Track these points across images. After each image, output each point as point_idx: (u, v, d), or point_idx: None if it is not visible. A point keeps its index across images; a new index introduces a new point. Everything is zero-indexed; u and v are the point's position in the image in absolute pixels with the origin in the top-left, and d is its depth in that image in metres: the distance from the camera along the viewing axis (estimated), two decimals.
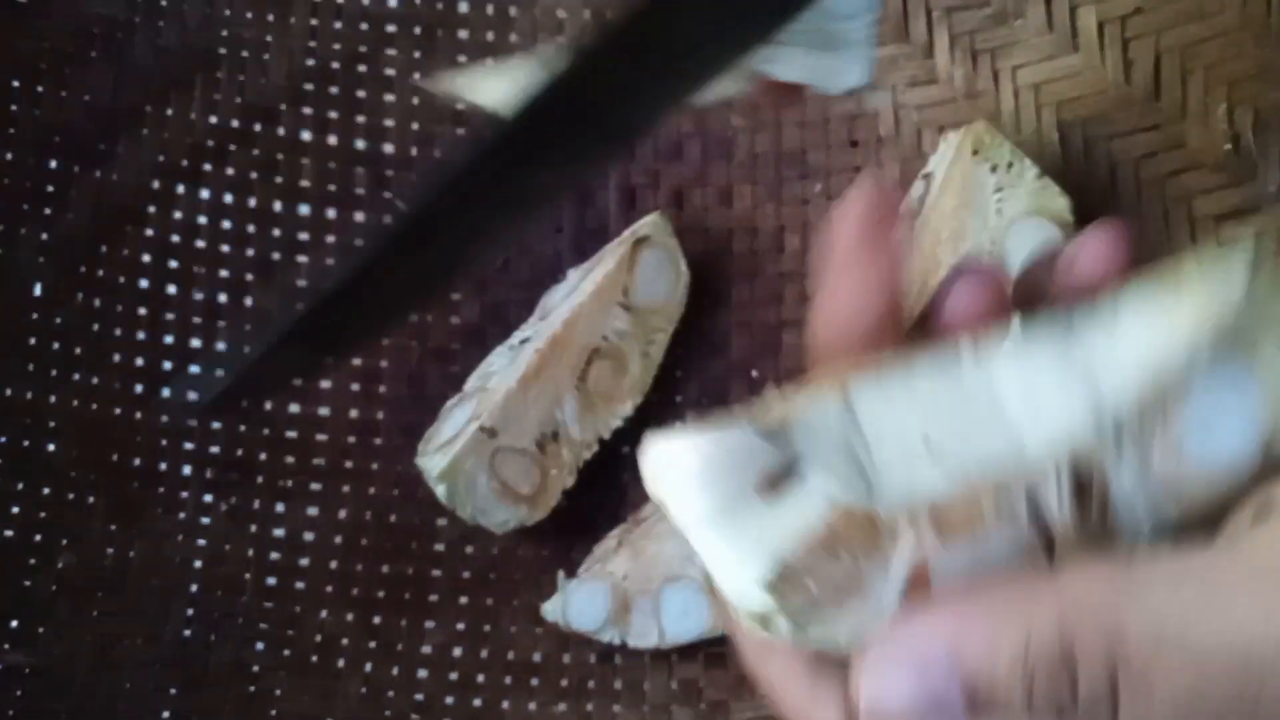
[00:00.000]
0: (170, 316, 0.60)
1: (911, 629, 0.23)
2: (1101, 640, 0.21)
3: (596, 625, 0.56)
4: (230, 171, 0.61)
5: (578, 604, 0.56)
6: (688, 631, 0.56)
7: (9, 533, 0.53)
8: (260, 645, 0.56)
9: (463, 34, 0.65)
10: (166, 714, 0.52)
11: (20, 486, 0.54)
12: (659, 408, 0.62)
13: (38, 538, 0.54)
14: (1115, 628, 0.21)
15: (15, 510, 0.54)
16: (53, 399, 0.56)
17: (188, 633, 0.55)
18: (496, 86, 0.47)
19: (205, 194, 0.61)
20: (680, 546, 0.56)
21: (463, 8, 0.65)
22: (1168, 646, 0.21)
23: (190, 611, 0.55)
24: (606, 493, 0.61)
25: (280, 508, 0.59)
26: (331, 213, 0.63)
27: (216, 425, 0.59)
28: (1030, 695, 0.22)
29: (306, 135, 0.63)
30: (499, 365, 0.60)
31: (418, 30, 0.64)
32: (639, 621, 0.56)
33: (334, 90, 0.63)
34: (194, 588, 0.56)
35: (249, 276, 0.61)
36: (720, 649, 0.57)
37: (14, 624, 0.51)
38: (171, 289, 0.60)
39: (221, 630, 0.55)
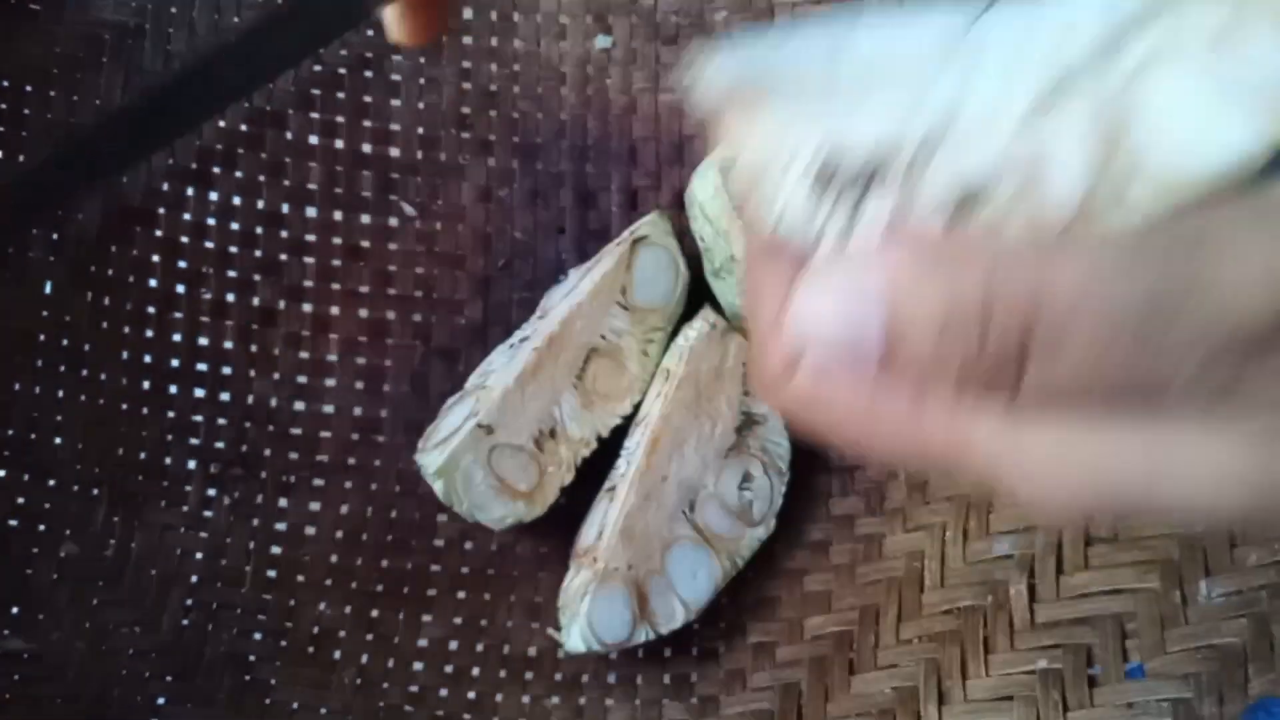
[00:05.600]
0: (178, 315, 0.61)
1: (852, 261, 0.23)
2: (1023, 297, 0.21)
3: (629, 631, 0.56)
4: (239, 174, 0.63)
5: (604, 619, 0.55)
6: (704, 589, 0.56)
7: (13, 522, 0.54)
8: (257, 635, 0.56)
9: (467, 40, 0.66)
10: (161, 700, 0.52)
11: (26, 478, 0.56)
12: None
13: (41, 528, 0.55)
14: (1040, 286, 0.21)
15: (20, 501, 0.55)
16: (60, 394, 0.57)
17: (185, 622, 0.56)
18: None
19: (214, 196, 0.62)
20: (663, 508, 0.56)
21: (467, 13, 0.66)
22: (1088, 307, 0.21)
23: (189, 602, 0.56)
24: None
25: (283, 502, 0.60)
26: (338, 215, 0.64)
27: (222, 421, 0.60)
28: (942, 337, 0.22)
29: (314, 139, 0.64)
30: (498, 364, 0.60)
31: None
32: (660, 605, 0.56)
33: (341, 95, 0.64)
34: (194, 579, 0.57)
35: (256, 276, 0.63)
36: (713, 645, 0.58)
37: (14, 610, 0.52)
38: (180, 288, 0.61)
39: (219, 620, 0.56)
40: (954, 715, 0.50)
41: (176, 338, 0.61)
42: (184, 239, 0.62)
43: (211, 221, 0.62)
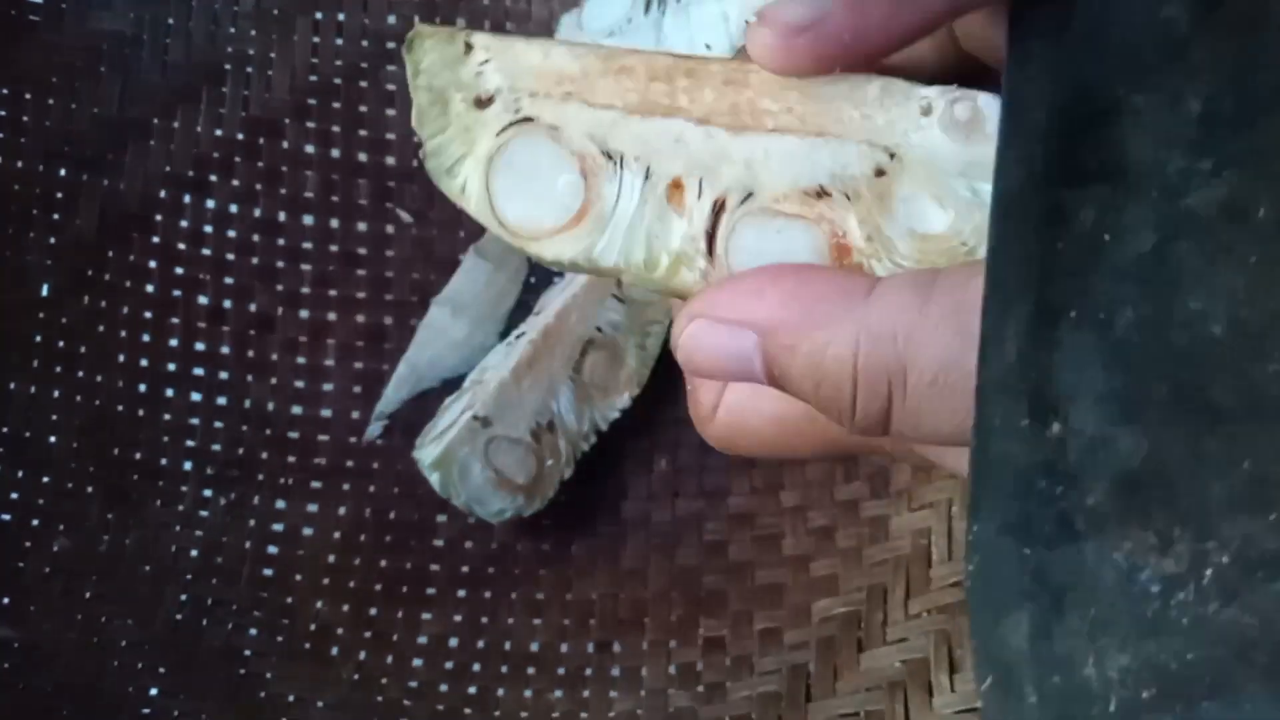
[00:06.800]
0: (175, 320, 0.61)
1: (732, 296, 0.25)
2: (884, 373, 0.23)
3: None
4: (235, 182, 0.63)
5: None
6: None
7: (6, 517, 0.54)
8: (253, 631, 0.55)
9: None
10: (154, 692, 0.51)
11: (20, 474, 0.55)
12: (657, 402, 0.61)
13: (34, 523, 0.54)
14: (899, 364, 0.22)
15: (14, 496, 0.54)
16: (56, 394, 0.57)
17: (179, 617, 0.55)
18: None
19: (211, 204, 0.63)
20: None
21: (460, 25, 0.67)
22: (940, 388, 0.22)
23: (183, 597, 0.55)
24: (606, 486, 0.61)
25: (280, 504, 0.59)
26: (334, 223, 0.64)
27: (219, 425, 0.60)
28: (816, 396, 0.24)
29: (310, 148, 0.65)
30: (494, 360, 0.60)
31: None
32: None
33: (336, 105, 0.65)
34: (188, 575, 0.56)
35: (254, 283, 0.63)
36: (718, 634, 0.56)
37: (4, 601, 0.51)
38: (176, 293, 0.61)
39: (214, 616, 0.55)
40: (966, 682, 0.48)
41: (173, 342, 0.61)
42: (181, 245, 0.62)
43: (209, 229, 0.63)
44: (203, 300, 0.62)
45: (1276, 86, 0.19)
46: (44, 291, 0.59)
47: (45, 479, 0.56)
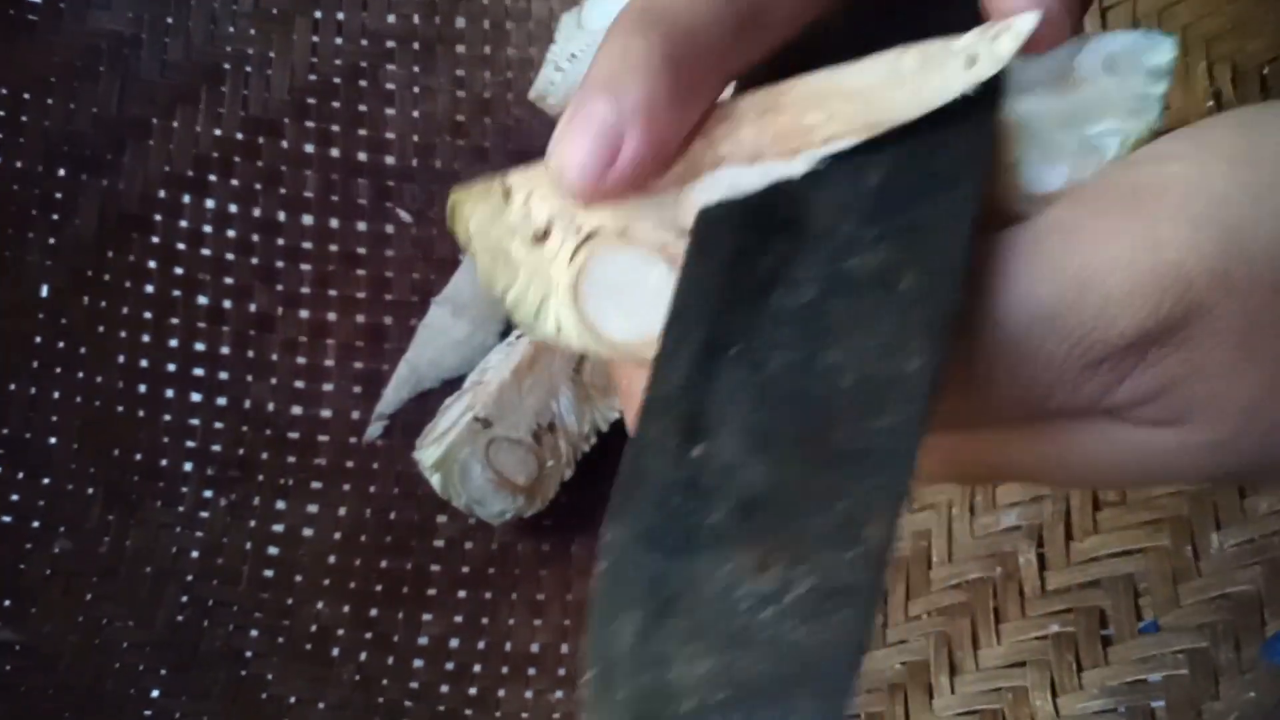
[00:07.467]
0: (175, 321, 0.61)
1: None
2: None
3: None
4: (235, 182, 0.63)
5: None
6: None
7: (6, 518, 0.54)
8: (254, 632, 0.55)
9: (460, 49, 0.67)
10: (155, 693, 0.51)
11: (20, 476, 0.55)
12: None
13: (35, 524, 0.55)
14: None
15: (14, 498, 0.55)
16: (56, 395, 0.57)
17: (180, 618, 0.55)
18: None
19: (210, 203, 0.63)
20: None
21: (460, 23, 0.67)
22: None
23: (184, 598, 0.55)
24: (606, 486, 0.61)
25: (280, 505, 0.59)
26: (334, 222, 0.64)
27: (219, 425, 0.60)
28: None
29: (309, 147, 0.65)
30: (495, 360, 0.60)
31: (416, 45, 0.66)
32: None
33: (336, 104, 0.65)
34: (189, 577, 0.56)
35: (254, 283, 0.63)
36: None
37: (5, 603, 0.52)
38: (176, 293, 0.61)
39: (215, 617, 0.55)
40: (966, 684, 0.48)
41: (173, 343, 0.61)
42: (181, 246, 0.62)
43: (208, 229, 0.63)
44: (202, 300, 0.62)
45: (941, 172, 0.21)
46: (43, 292, 0.59)
47: (45, 480, 0.56)
